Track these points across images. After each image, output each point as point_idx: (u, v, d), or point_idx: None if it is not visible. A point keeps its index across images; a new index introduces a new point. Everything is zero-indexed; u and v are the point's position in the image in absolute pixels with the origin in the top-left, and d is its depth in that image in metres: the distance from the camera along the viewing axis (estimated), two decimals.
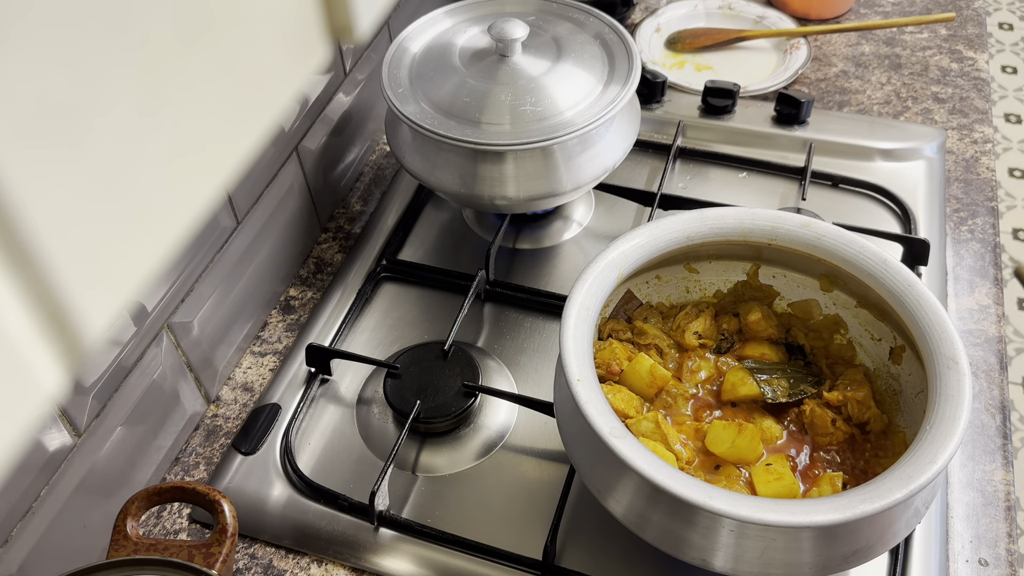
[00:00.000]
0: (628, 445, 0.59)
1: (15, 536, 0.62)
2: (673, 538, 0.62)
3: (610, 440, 0.59)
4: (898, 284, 0.69)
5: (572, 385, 0.61)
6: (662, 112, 1.10)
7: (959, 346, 0.65)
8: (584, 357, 0.63)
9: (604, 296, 0.69)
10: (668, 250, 0.73)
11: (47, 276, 0.19)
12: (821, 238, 0.72)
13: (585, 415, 0.60)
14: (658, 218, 0.75)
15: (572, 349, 0.64)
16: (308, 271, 0.97)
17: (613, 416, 0.61)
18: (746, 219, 0.73)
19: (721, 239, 0.73)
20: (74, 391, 0.66)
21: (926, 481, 0.57)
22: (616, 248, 0.70)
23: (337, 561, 0.74)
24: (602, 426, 0.59)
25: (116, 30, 0.19)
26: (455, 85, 0.85)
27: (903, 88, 1.15)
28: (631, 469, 0.58)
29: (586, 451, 0.65)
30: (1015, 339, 2.02)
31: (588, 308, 0.67)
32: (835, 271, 0.73)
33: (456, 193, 0.87)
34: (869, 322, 0.75)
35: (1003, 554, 0.73)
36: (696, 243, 0.73)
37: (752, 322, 0.77)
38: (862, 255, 0.71)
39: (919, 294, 0.69)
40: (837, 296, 0.76)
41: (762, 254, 0.77)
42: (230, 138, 0.24)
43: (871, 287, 0.71)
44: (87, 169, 0.19)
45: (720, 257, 0.78)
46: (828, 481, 0.67)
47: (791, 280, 0.78)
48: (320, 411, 0.83)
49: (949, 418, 0.60)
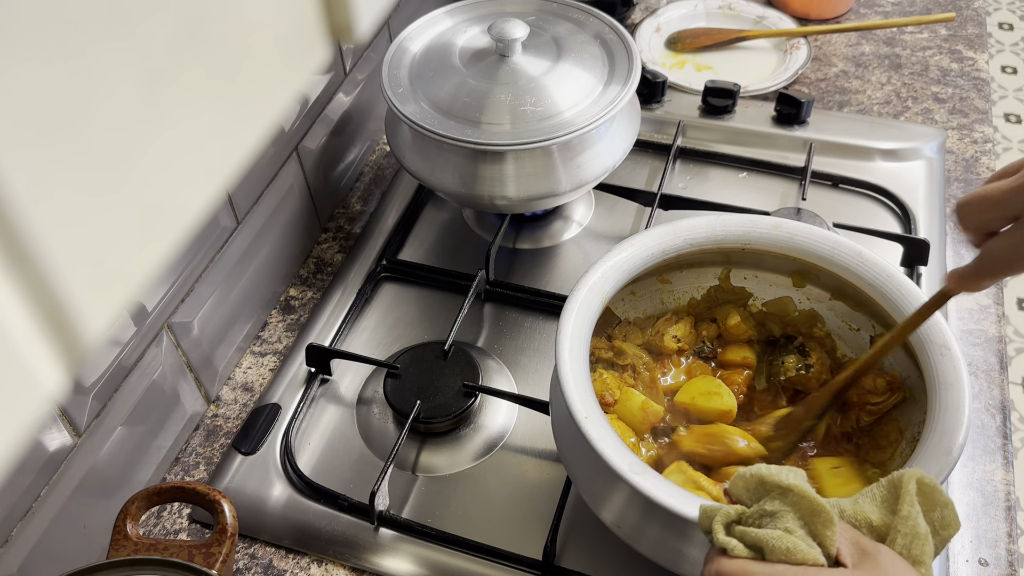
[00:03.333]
0: (650, 480, 0.58)
1: (15, 536, 0.62)
2: (671, 552, 0.62)
3: (631, 478, 0.58)
4: (877, 276, 0.70)
5: (581, 424, 0.60)
6: (662, 112, 1.10)
7: (948, 332, 0.65)
8: (586, 392, 0.63)
9: (592, 322, 0.68)
10: (646, 267, 0.73)
11: (47, 276, 0.19)
12: (794, 237, 0.73)
13: (600, 453, 0.59)
14: (639, 231, 0.75)
15: (573, 385, 0.62)
16: (308, 271, 0.97)
17: (628, 451, 0.60)
18: (718, 227, 0.73)
19: (695, 249, 0.73)
20: (74, 391, 0.66)
21: (947, 472, 0.57)
22: (596, 271, 0.70)
23: (337, 561, 0.74)
24: (620, 463, 0.58)
25: (116, 30, 0.19)
26: (455, 85, 0.85)
27: (903, 88, 1.15)
28: (657, 504, 0.57)
29: (590, 477, 0.65)
30: (1015, 339, 2.02)
31: (580, 339, 0.66)
32: (807, 267, 0.74)
33: (456, 193, 0.87)
34: (845, 313, 0.75)
35: (1003, 554, 0.73)
36: (671, 256, 0.73)
37: (731, 327, 0.77)
38: (836, 250, 0.72)
39: (900, 284, 0.69)
40: (810, 291, 0.76)
41: (731, 258, 0.77)
42: (230, 138, 0.24)
43: (849, 281, 0.71)
44: (87, 169, 0.19)
45: (692, 265, 0.78)
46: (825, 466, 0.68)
47: (763, 280, 0.78)
48: (320, 411, 0.83)
49: (953, 405, 0.61)
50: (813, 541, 0.48)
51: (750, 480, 0.50)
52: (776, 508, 0.49)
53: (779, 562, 0.47)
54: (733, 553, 0.49)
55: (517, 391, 0.83)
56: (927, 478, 0.50)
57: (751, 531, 0.49)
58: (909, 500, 0.49)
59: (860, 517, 0.50)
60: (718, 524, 0.50)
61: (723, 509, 0.51)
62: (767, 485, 0.50)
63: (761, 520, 0.49)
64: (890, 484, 0.51)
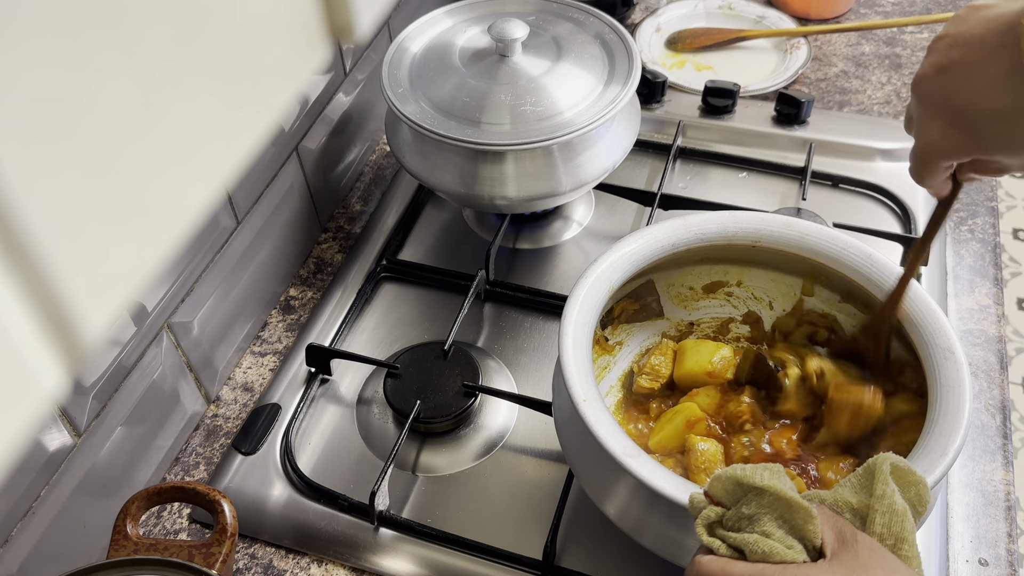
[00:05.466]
0: (644, 464, 0.58)
1: (15, 536, 0.62)
2: (672, 544, 0.62)
3: (625, 460, 0.58)
4: (886, 278, 0.70)
5: (579, 406, 0.61)
6: (662, 112, 1.10)
7: (953, 336, 0.65)
8: (586, 377, 0.63)
9: (599, 310, 0.69)
10: (655, 259, 0.73)
11: (47, 276, 0.19)
12: (805, 237, 0.73)
13: (596, 436, 0.60)
14: (643, 227, 0.76)
15: (574, 368, 0.63)
16: (308, 271, 0.97)
17: (624, 435, 0.60)
18: (729, 223, 0.74)
19: (706, 244, 0.74)
20: (74, 391, 0.66)
21: (941, 474, 0.57)
22: (605, 260, 0.70)
23: (337, 561, 0.74)
24: (615, 447, 0.59)
25: (115, 29, 0.19)
26: (455, 85, 0.85)
27: (903, 88, 1.15)
28: (652, 490, 0.57)
29: (591, 466, 0.65)
30: (1015, 339, 2.02)
31: (584, 325, 0.67)
32: (817, 268, 0.74)
33: (456, 193, 0.87)
34: (853, 315, 0.75)
35: (1003, 554, 0.73)
36: (681, 250, 0.73)
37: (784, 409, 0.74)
38: (846, 251, 0.72)
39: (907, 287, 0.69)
40: (820, 292, 0.76)
41: (743, 255, 0.77)
42: (230, 138, 0.24)
43: (857, 282, 0.71)
44: (86, 168, 0.19)
45: (703, 261, 0.78)
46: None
47: (777, 282, 0.78)
48: (320, 411, 0.83)
49: (953, 409, 0.61)
50: (794, 539, 0.48)
51: (727, 482, 0.51)
52: (753, 511, 0.49)
53: (759, 562, 0.48)
54: (718, 553, 0.50)
55: (517, 391, 0.83)
56: (900, 460, 0.51)
57: (731, 535, 0.50)
58: (883, 479, 0.50)
59: (841, 502, 0.51)
60: (700, 526, 0.51)
61: (703, 511, 0.51)
62: (743, 487, 0.50)
63: (740, 523, 0.50)
64: (865, 469, 0.52)
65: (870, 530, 0.49)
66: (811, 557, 0.48)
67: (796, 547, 0.48)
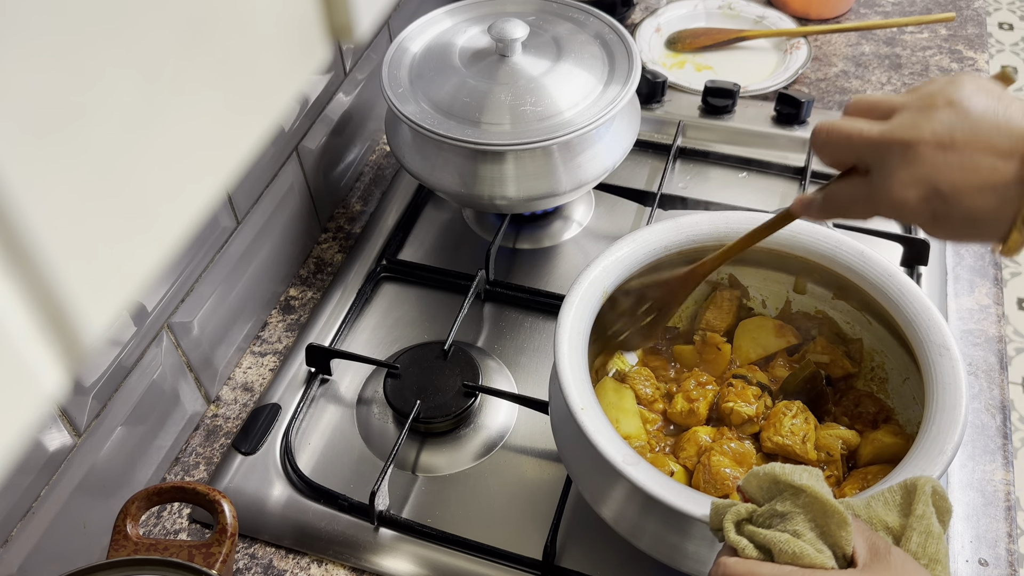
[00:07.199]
0: (643, 472, 0.58)
1: (15, 536, 0.62)
2: (669, 547, 0.62)
3: (625, 468, 0.58)
4: (878, 275, 0.70)
5: (577, 415, 0.61)
6: (662, 112, 1.10)
7: (948, 332, 0.65)
8: (583, 384, 0.63)
9: (593, 316, 0.68)
10: (648, 262, 0.73)
11: (47, 276, 0.19)
12: (796, 236, 0.73)
13: (595, 445, 0.59)
14: (642, 227, 0.76)
15: (571, 377, 0.63)
16: (308, 271, 0.97)
17: (622, 442, 0.60)
18: (720, 224, 0.74)
19: (697, 246, 0.74)
20: (74, 391, 0.66)
21: (940, 471, 0.57)
22: (598, 265, 0.70)
23: (337, 561, 0.74)
24: (614, 454, 0.59)
25: (116, 30, 0.19)
26: (455, 85, 0.85)
27: (903, 88, 1.15)
28: (651, 497, 0.57)
29: (588, 470, 0.65)
30: (1015, 339, 2.02)
31: (579, 331, 0.66)
32: (809, 266, 0.74)
33: (456, 193, 0.87)
34: (847, 312, 0.75)
35: (1003, 554, 0.73)
36: (673, 252, 0.73)
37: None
38: (839, 249, 0.72)
39: (900, 283, 0.69)
40: (813, 290, 0.77)
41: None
42: (230, 138, 0.24)
43: (850, 280, 0.71)
44: (87, 169, 0.19)
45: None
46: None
47: (768, 279, 0.78)
48: (320, 411, 0.83)
49: (950, 406, 0.61)
50: (823, 544, 0.48)
51: (763, 478, 0.50)
52: (787, 509, 0.49)
53: (787, 564, 0.47)
54: (743, 554, 0.49)
55: (517, 391, 0.83)
56: (940, 486, 0.51)
57: (761, 532, 0.49)
58: (924, 500, 0.50)
59: (876, 519, 0.51)
60: (729, 523, 0.50)
61: (735, 507, 0.51)
62: (780, 484, 0.50)
63: (771, 520, 0.49)
64: (904, 488, 0.51)
65: (904, 547, 0.49)
66: (839, 565, 0.48)
67: (826, 552, 0.47)
